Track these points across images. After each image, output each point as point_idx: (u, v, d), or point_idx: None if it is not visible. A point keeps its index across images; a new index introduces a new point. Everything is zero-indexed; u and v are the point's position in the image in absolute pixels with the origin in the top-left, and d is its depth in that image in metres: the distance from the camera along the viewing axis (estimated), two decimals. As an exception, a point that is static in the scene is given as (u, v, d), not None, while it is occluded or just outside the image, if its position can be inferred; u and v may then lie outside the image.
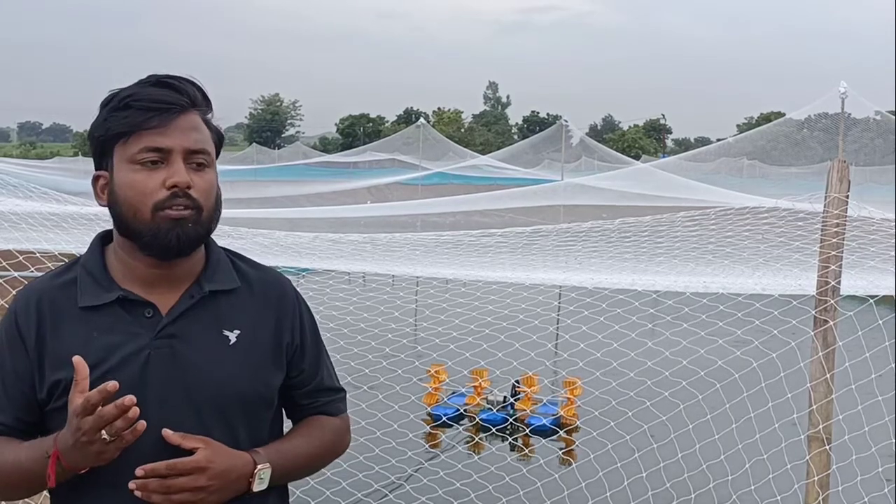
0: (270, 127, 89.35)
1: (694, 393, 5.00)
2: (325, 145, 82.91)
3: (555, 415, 8.59)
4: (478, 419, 8.10)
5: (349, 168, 50.44)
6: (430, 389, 8.85)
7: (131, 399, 1.46)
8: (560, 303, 9.99)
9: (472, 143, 65.55)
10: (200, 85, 1.69)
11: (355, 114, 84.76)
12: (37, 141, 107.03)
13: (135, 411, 1.47)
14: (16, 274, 4.82)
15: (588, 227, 5.92)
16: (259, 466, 1.65)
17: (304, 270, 7.15)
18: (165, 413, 1.59)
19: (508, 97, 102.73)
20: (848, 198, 3.54)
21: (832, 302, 3.44)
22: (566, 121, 41.84)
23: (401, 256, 6.36)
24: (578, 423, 8.05)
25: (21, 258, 4.98)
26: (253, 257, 1.87)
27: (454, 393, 9.29)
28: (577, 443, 8.05)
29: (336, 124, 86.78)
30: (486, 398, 9.12)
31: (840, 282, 3.47)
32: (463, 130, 77.69)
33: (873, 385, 4.24)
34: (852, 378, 4.09)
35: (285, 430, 1.85)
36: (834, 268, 3.45)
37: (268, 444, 1.72)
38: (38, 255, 5.02)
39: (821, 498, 3.41)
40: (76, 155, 57.07)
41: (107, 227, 1.75)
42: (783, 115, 48.70)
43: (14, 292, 1.95)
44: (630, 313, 5.58)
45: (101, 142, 1.65)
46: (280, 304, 1.78)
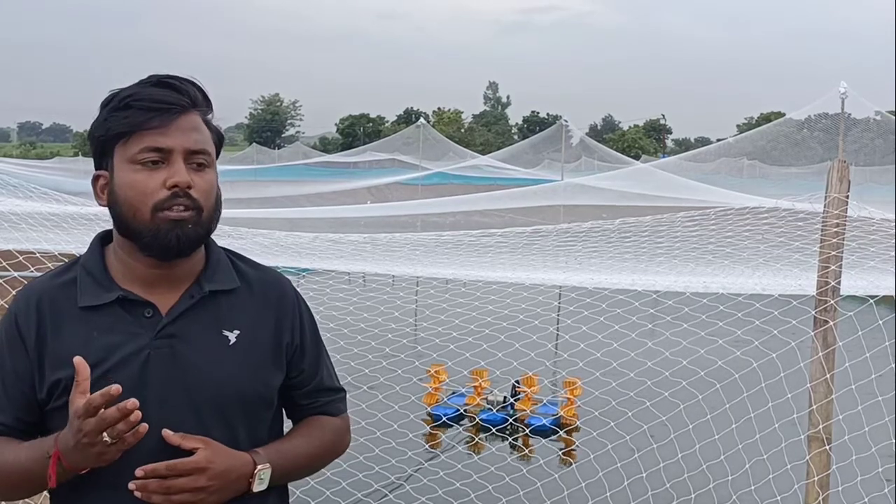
0: (270, 127, 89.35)
1: (694, 393, 5.00)
2: (325, 145, 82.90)
3: (555, 415, 8.59)
4: (478, 419, 8.10)
5: (349, 168, 50.42)
6: (430, 389, 8.85)
7: (134, 403, 1.46)
8: (560, 303, 9.99)
9: (472, 144, 65.53)
10: (201, 85, 1.69)
11: (355, 114, 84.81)
12: (37, 141, 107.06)
13: (137, 415, 1.47)
14: (16, 274, 4.82)
15: (588, 228, 5.91)
16: (259, 467, 1.65)
17: (305, 270, 7.14)
18: (165, 413, 1.59)
19: (508, 97, 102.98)
20: (848, 198, 3.54)
21: (832, 302, 3.44)
22: (566, 121, 41.83)
23: (401, 256, 6.35)
24: (578, 423, 8.05)
25: (21, 258, 4.98)
26: (253, 257, 1.87)
27: (454, 393, 9.30)
28: (577, 443, 8.05)
29: (336, 124, 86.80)
30: (486, 398, 9.12)
31: (840, 282, 3.47)
32: (463, 130, 77.67)
33: (873, 385, 4.24)
34: (852, 378, 4.08)
35: (285, 430, 1.85)
36: (834, 268, 3.45)
37: (268, 445, 1.72)
38: (38, 255, 5.01)
39: (821, 498, 3.41)
40: (76, 155, 57.10)
41: (107, 227, 1.75)
42: (783, 115, 48.72)
43: (14, 292, 1.95)
44: (630, 313, 5.58)
45: (101, 142, 1.65)
46: (280, 304, 1.78)
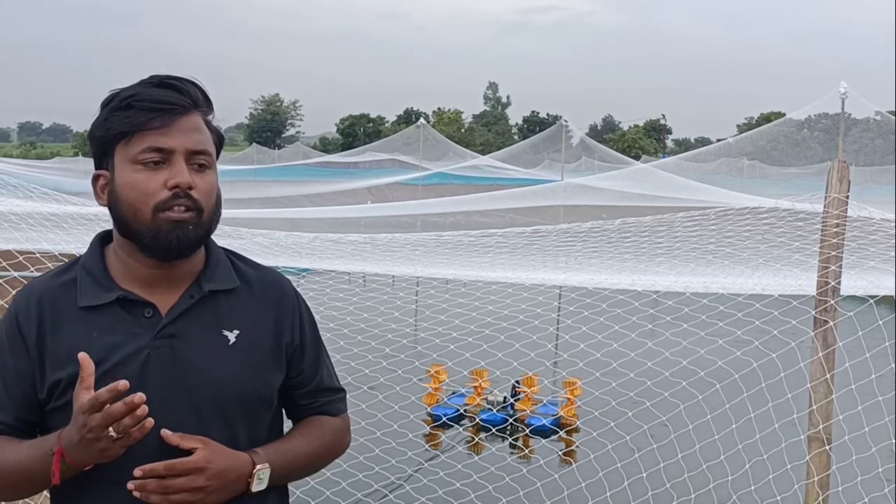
0: (271, 127, 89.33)
1: (694, 393, 5.00)
2: (325, 145, 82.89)
3: (555, 415, 8.60)
4: (478, 419, 8.11)
5: (349, 168, 50.44)
6: (430, 390, 8.85)
7: (141, 397, 1.47)
8: (560, 303, 9.98)
9: (472, 144, 65.53)
10: (202, 86, 1.69)
11: (355, 114, 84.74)
12: (37, 141, 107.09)
13: (143, 409, 1.47)
14: (16, 274, 4.82)
15: (588, 228, 5.90)
16: (258, 467, 1.65)
17: (305, 270, 7.14)
18: (165, 413, 1.58)
19: (508, 97, 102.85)
20: (848, 198, 3.54)
21: (832, 302, 3.44)
22: (566, 121, 41.88)
23: (401, 257, 6.35)
24: (578, 423, 8.05)
25: (21, 258, 4.98)
26: (253, 257, 1.87)
27: (454, 393, 9.30)
28: (577, 443, 8.05)
29: (336, 124, 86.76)
30: (486, 398, 9.12)
31: (840, 282, 3.47)
32: (463, 131, 77.64)
33: (873, 385, 4.24)
34: (852, 378, 4.08)
35: (285, 430, 1.85)
36: (834, 268, 3.45)
37: (267, 445, 1.72)
38: (38, 255, 5.01)
39: (821, 498, 3.41)
40: (76, 155, 57.11)
41: (107, 227, 1.75)
42: (783, 115, 48.74)
43: (14, 292, 1.95)
44: (630, 314, 5.58)
45: (102, 141, 1.64)
46: (280, 304, 1.78)
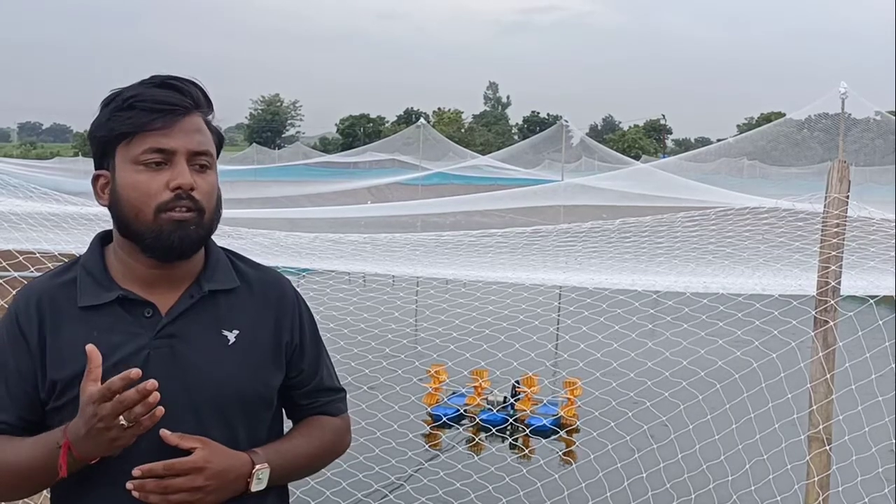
0: (271, 127, 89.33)
1: (694, 393, 5.00)
2: (325, 145, 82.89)
3: (555, 415, 8.59)
4: (478, 419, 8.10)
5: (349, 168, 50.45)
6: (431, 390, 8.85)
7: (153, 384, 1.46)
8: (560, 303, 9.99)
9: (472, 144, 65.53)
10: (202, 86, 1.69)
11: (355, 114, 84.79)
12: (37, 141, 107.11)
13: (155, 396, 1.46)
14: (16, 274, 4.82)
15: (588, 228, 5.90)
16: (257, 466, 1.65)
17: (305, 270, 7.14)
18: (165, 412, 1.58)
19: (509, 97, 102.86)
20: (848, 198, 3.54)
21: (832, 302, 3.44)
22: (566, 121, 41.86)
23: (401, 257, 6.35)
24: (578, 423, 8.05)
25: (21, 258, 4.98)
26: (253, 257, 1.87)
27: (454, 393, 9.30)
28: (577, 443, 8.05)
29: (336, 124, 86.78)
30: (487, 398, 9.12)
31: (840, 282, 3.47)
32: (463, 131, 77.63)
33: (873, 385, 4.24)
34: (852, 378, 4.08)
35: (285, 430, 1.85)
36: (834, 268, 3.44)
37: (267, 444, 1.71)
38: (38, 255, 5.01)
39: (821, 498, 3.41)
40: (76, 155, 57.13)
41: (107, 227, 1.75)
42: (783, 115, 48.75)
43: (14, 292, 1.95)
44: (630, 314, 5.58)
45: (103, 141, 1.64)
46: (279, 303, 1.78)
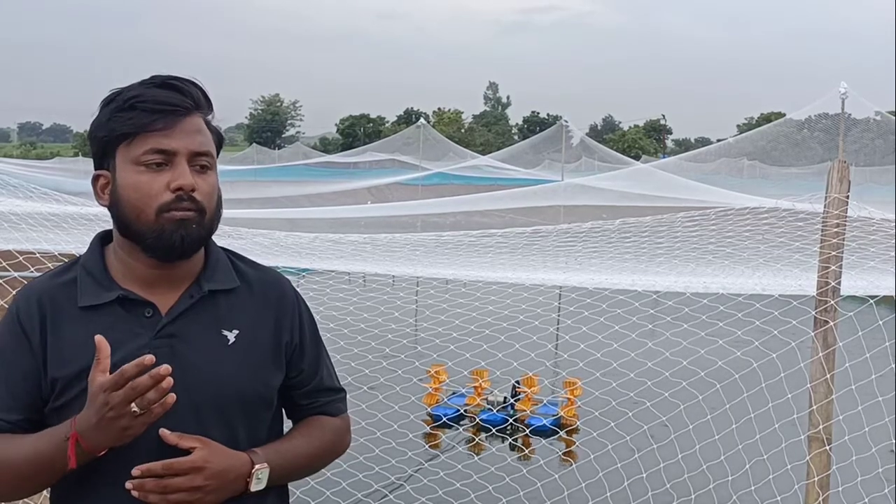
0: (271, 127, 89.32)
1: (694, 393, 5.00)
2: (325, 146, 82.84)
3: (555, 415, 8.59)
4: (478, 420, 8.10)
5: (349, 168, 50.42)
6: (430, 390, 8.84)
7: (167, 368, 1.46)
8: (560, 303, 9.99)
9: (472, 144, 65.51)
10: (203, 87, 1.69)
11: (355, 114, 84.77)
12: (37, 141, 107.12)
13: (168, 381, 1.46)
14: (16, 274, 4.82)
15: (588, 228, 5.90)
16: (257, 466, 1.65)
17: (305, 271, 7.14)
18: (164, 412, 1.58)
19: (509, 97, 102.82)
20: (848, 198, 3.54)
21: (832, 302, 3.44)
22: (566, 121, 41.86)
23: (401, 257, 6.35)
24: (578, 423, 8.05)
25: (21, 258, 4.98)
26: (253, 257, 1.87)
27: (454, 393, 9.29)
28: (577, 443, 8.04)
29: (336, 125, 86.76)
30: (487, 399, 9.12)
31: (840, 282, 3.47)
32: (463, 131, 77.62)
33: (873, 385, 4.24)
34: (852, 378, 4.08)
35: (285, 430, 1.85)
36: (834, 268, 3.44)
37: (266, 444, 1.71)
38: (38, 255, 5.01)
39: (821, 498, 3.41)
40: (76, 155, 57.14)
41: (106, 227, 1.75)
42: (783, 115, 48.74)
43: (14, 292, 1.95)
44: (630, 314, 5.58)
45: (103, 142, 1.64)
46: (279, 303, 1.78)
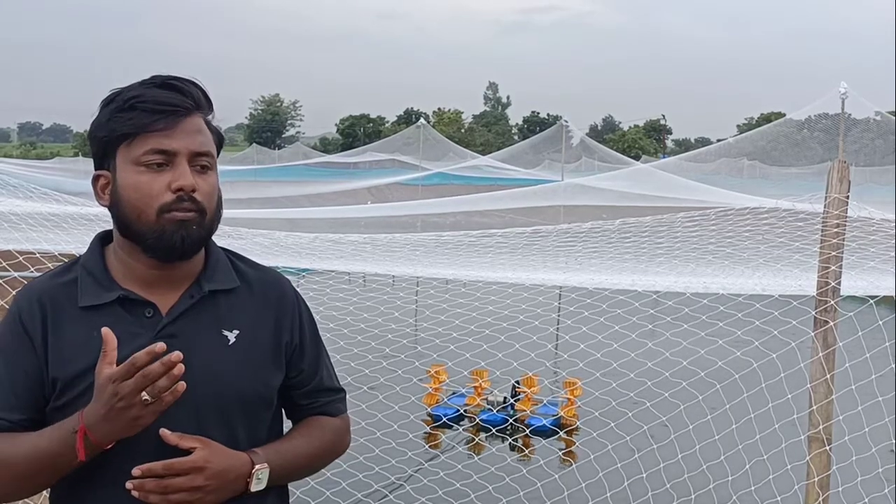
0: (271, 127, 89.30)
1: (694, 394, 5.00)
2: (325, 146, 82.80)
3: (555, 415, 8.60)
4: (478, 420, 8.10)
5: (349, 168, 50.41)
6: (430, 390, 8.84)
7: (178, 355, 1.46)
8: (560, 303, 9.98)
9: (472, 144, 65.51)
10: (203, 87, 1.69)
11: (355, 114, 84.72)
12: (37, 141, 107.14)
13: (179, 368, 1.46)
14: (16, 274, 4.82)
15: (588, 228, 5.90)
16: (257, 466, 1.64)
17: (305, 271, 7.14)
18: (165, 413, 1.57)
19: (509, 97, 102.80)
20: (848, 198, 3.54)
21: (832, 302, 3.44)
22: (566, 121, 41.89)
23: (401, 257, 6.35)
24: (578, 423, 8.05)
25: (21, 258, 4.98)
26: (253, 257, 1.87)
27: (454, 393, 9.30)
28: (577, 443, 8.05)
29: (336, 125, 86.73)
30: (487, 399, 9.12)
31: (840, 282, 3.47)
32: (463, 131, 77.60)
33: (873, 386, 4.24)
34: (852, 379, 4.08)
35: (285, 430, 1.85)
36: (834, 268, 3.44)
37: (267, 445, 1.71)
38: (38, 255, 5.01)
39: (821, 499, 3.41)
40: (76, 155, 57.14)
41: (106, 227, 1.75)
42: (783, 115, 48.75)
43: (14, 293, 1.94)
44: (630, 314, 5.58)
45: (104, 142, 1.64)
46: (279, 304, 1.78)
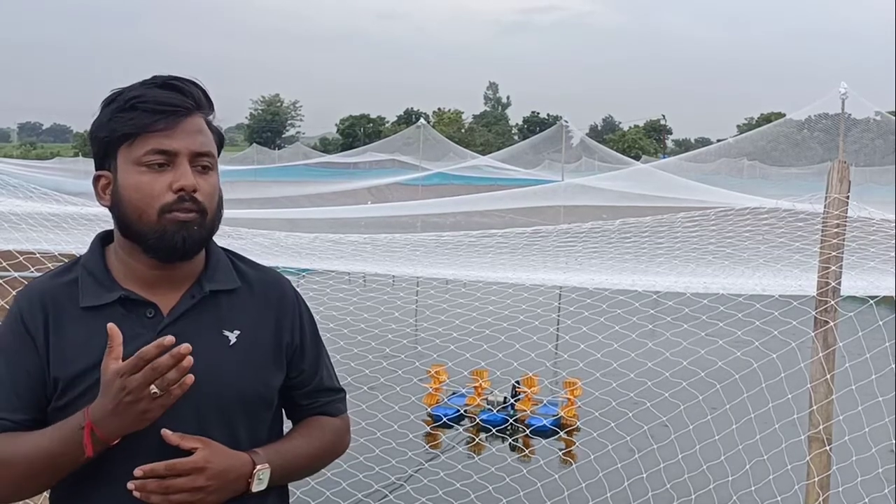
0: (271, 127, 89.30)
1: (694, 394, 5.00)
2: (325, 146, 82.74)
3: (555, 415, 8.59)
4: (478, 420, 8.10)
5: (349, 168, 50.38)
6: (431, 390, 8.84)
7: (187, 347, 1.46)
8: (560, 303, 9.98)
9: (472, 144, 65.49)
10: (203, 87, 1.69)
11: (355, 114, 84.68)
12: (37, 141, 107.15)
13: (188, 360, 1.46)
14: (16, 274, 4.82)
15: (588, 228, 5.91)
16: (258, 467, 1.65)
17: (305, 271, 7.14)
18: (165, 413, 1.58)
19: (509, 97, 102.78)
20: (848, 198, 3.54)
21: (832, 303, 3.44)
22: (566, 121, 41.87)
23: (401, 257, 6.35)
24: (579, 423, 8.04)
25: (21, 258, 4.98)
26: (253, 258, 1.87)
27: (454, 393, 9.29)
28: (577, 443, 8.04)
29: (336, 125, 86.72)
30: (487, 399, 9.12)
31: (840, 282, 3.47)
32: (463, 131, 77.59)
33: (873, 386, 4.24)
34: (852, 379, 4.08)
35: (285, 430, 1.85)
36: (834, 268, 3.44)
37: (267, 445, 1.71)
38: (38, 255, 5.01)
39: (821, 499, 3.41)
40: (76, 155, 57.16)
41: (107, 227, 1.75)
42: (783, 115, 48.73)
43: (14, 293, 1.94)
44: (630, 314, 5.58)
45: (105, 142, 1.64)
46: (280, 304, 1.78)
